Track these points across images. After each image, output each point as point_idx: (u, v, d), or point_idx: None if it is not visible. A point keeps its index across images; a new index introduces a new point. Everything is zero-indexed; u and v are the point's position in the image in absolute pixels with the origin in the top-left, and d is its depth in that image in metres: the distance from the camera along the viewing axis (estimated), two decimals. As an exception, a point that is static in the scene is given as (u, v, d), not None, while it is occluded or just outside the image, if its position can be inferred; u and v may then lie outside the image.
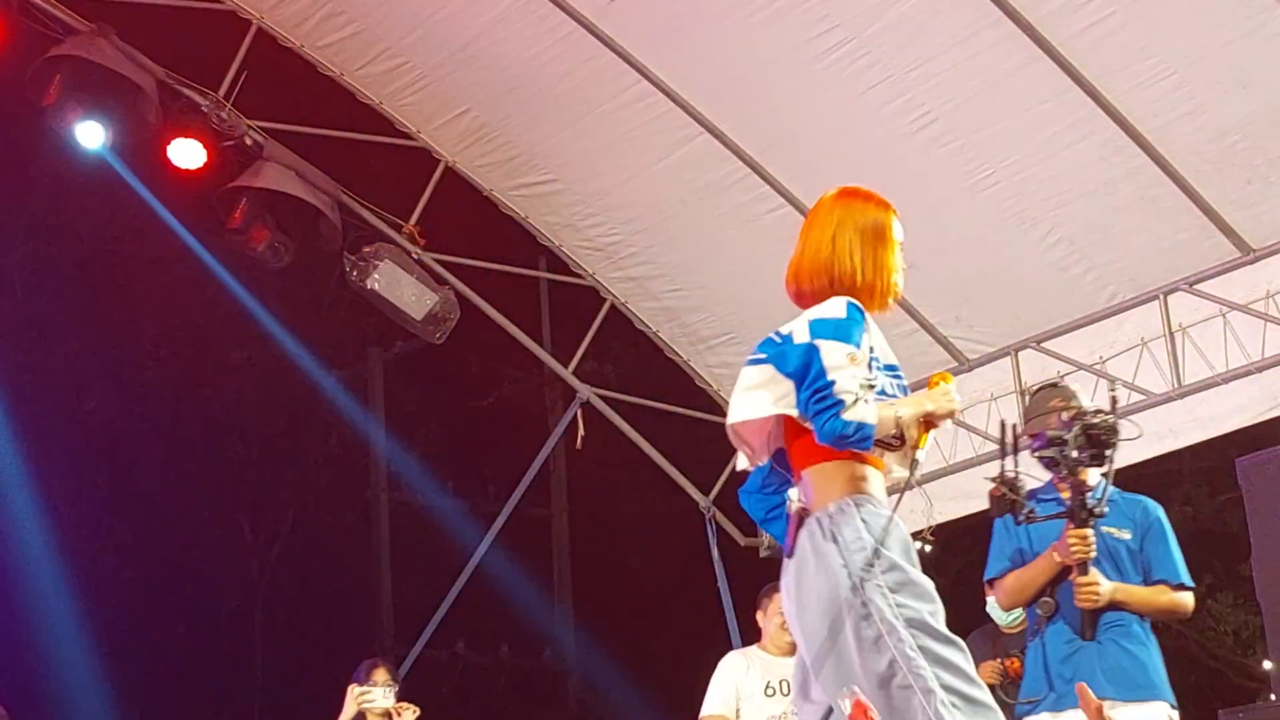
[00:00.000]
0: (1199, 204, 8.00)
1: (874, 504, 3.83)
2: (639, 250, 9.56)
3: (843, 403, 3.69)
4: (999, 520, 5.57)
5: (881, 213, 4.07)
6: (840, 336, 3.81)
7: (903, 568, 3.76)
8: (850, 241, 4.01)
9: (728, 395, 10.14)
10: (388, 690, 7.41)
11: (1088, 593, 5.32)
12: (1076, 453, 5.27)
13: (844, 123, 8.41)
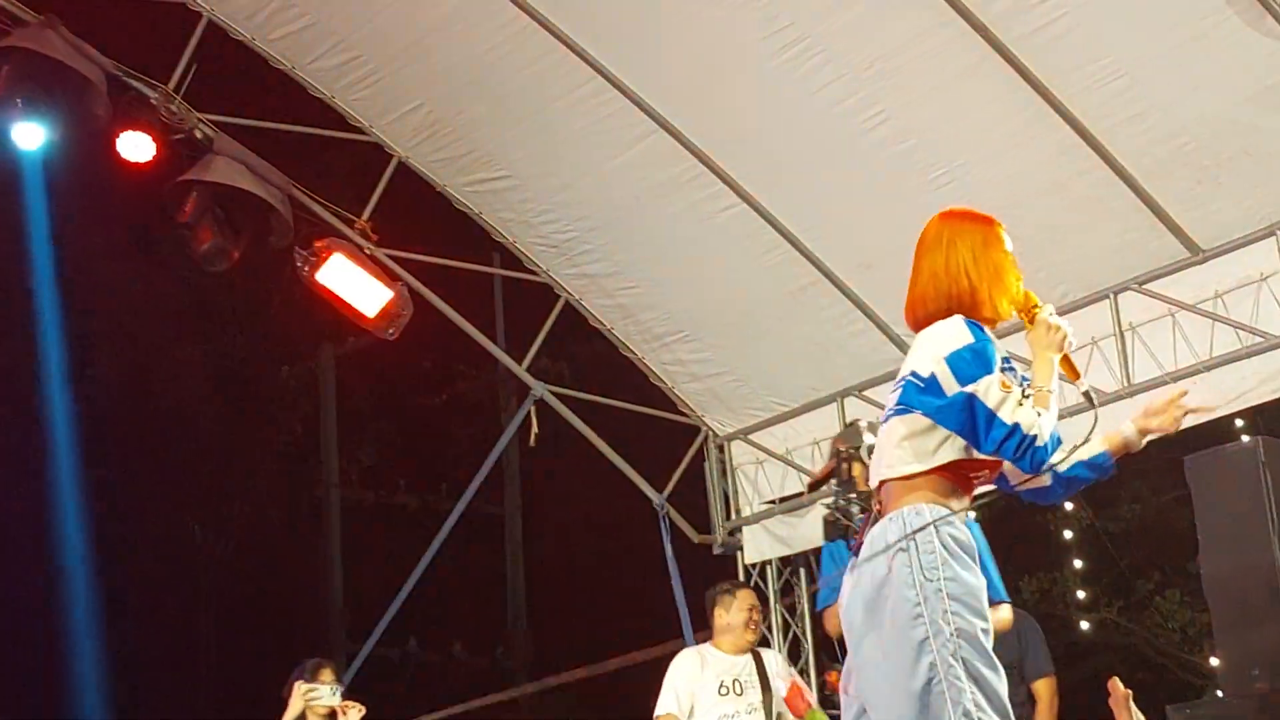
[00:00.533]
0: (1149, 204, 8.04)
1: (957, 523, 3.89)
2: (593, 247, 9.54)
3: (1035, 437, 3.81)
4: (826, 549, 5.73)
5: (987, 227, 4.19)
6: (981, 368, 3.90)
7: (963, 580, 3.82)
8: (963, 261, 4.11)
9: (682, 392, 10.21)
10: (335, 689, 7.42)
11: None
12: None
13: (798, 121, 8.42)
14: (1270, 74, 7.32)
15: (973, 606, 3.82)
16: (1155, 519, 14.34)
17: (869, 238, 8.88)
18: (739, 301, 9.55)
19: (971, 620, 3.80)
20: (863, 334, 9.31)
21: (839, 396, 9.70)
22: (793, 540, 10.04)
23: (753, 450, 10.23)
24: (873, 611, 3.89)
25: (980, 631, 3.80)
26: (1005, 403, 3.85)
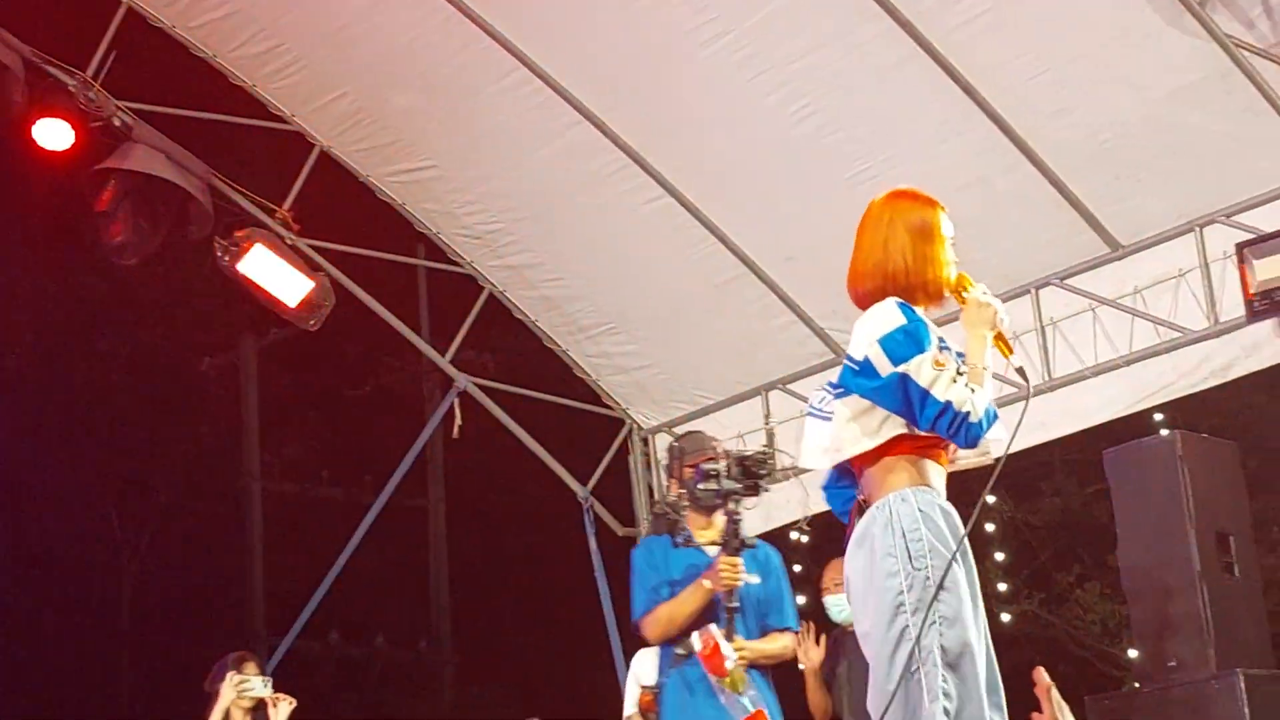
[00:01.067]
0: (1070, 200, 8.10)
1: (930, 494, 4.00)
2: (518, 239, 9.51)
3: (968, 413, 3.90)
4: (640, 556, 5.85)
5: (928, 210, 4.25)
6: (913, 348, 3.99)
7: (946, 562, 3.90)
8: (901, 242, 4.18)
9: (607, 385, 10.19)
10: (266, 681, 7.44)
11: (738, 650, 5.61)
12: (732, 483, 5.53)
13: (725, 114, 8.42)
14: (1189, 72, 7.39)
15: (956, 592, 3.91)
16: (1076, 512, 14.46)
17: (794, 231, 8.90)
18: (664, 294, 9.54)
19: (953, 605, 3.89)
20: (788, 327, 9.34)
21: (764, 390, 9.72)
22: (716, 533, 10.04)
23: (677, 443, 10.21)
24: (862, 598, 4.03)
25: (962, 610, 3.89)
26: (938, 381, 3.93)
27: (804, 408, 9.35)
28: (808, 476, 9.52)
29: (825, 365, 9.43)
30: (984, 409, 3.94)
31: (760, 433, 9.76)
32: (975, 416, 3.91)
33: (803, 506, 9.57)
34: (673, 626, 5.69)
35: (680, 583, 5.73)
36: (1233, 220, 7.85)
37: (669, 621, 5.70)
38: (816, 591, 7.85)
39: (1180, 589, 7.67)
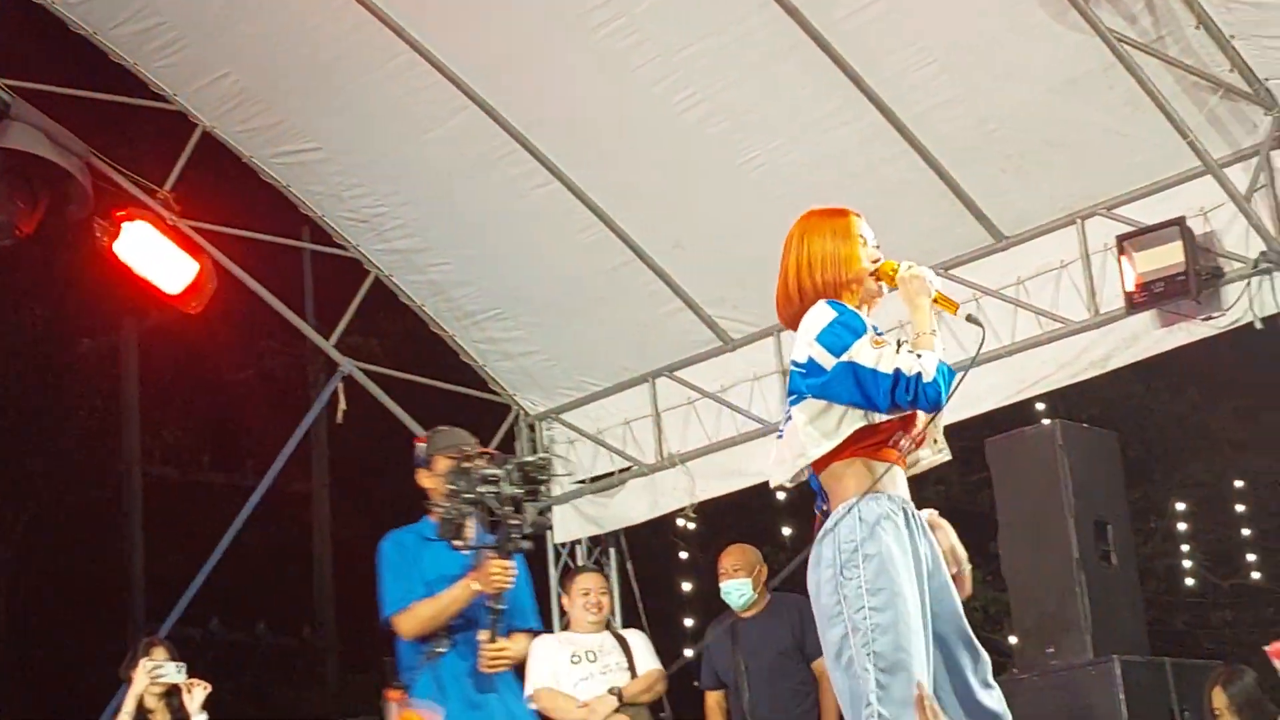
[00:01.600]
0: (955, 191, 8.17)
1: (878, 501, 4.06)
2: (404, 222, 9.44)
3: (919, 375, 3.98)
4: (391, 550, 5.84)
5: (837, 219, 4.40)
6: (850, 335, 4.08)
7: (884, 570, 3.96)
8: (814, 254, 4.34)
9: (493, 371, 10.15)
10: (180, 666, 7.41)
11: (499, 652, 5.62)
12: (512, 488, 5.54)
13: (613, 101, 8.41)
14: (1074, 66, 7.47)
15: (891, 591, 3.95)
16: (959, 500, 14.63)
17: (682, 218, 8.91)
18: (552, 280, 9.51)
19: (888, 611, 3.94)
20: (675, 314, 9.35)
21: (651, 377, 9.73)
22: (603, 520, 10.06)
23: (564, 429, 10.21)
24: (814, 608, 4.11)
25: (898, 618, 3.94)
26: (882, 356, 4.02)
27: (691, 395, 9.48)
28: (694, 464, 9.56)
29: (713, 353, 9.47)
30: (936, 368, 4.02)
31: (648, 419, 9.77)
32: (929, 376, 3.99)
33: (689, 494, 9.59)
34: (433, 625, 5.64)
35: (434, 581, 5.69)
36: (1113, 213, 7.96)
37: (430, 620, 5.64)
38: (711, 577, 7.87)
39: (1059, 577, 7.79)
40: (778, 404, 9.20)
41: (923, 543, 4.13)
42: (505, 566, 5.52)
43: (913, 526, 4.12)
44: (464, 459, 5.66)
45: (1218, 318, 7.68)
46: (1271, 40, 7.15)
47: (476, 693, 5.64)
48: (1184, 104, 7.30)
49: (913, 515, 4.16)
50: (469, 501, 5.52)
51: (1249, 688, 7.33)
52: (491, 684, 5.69)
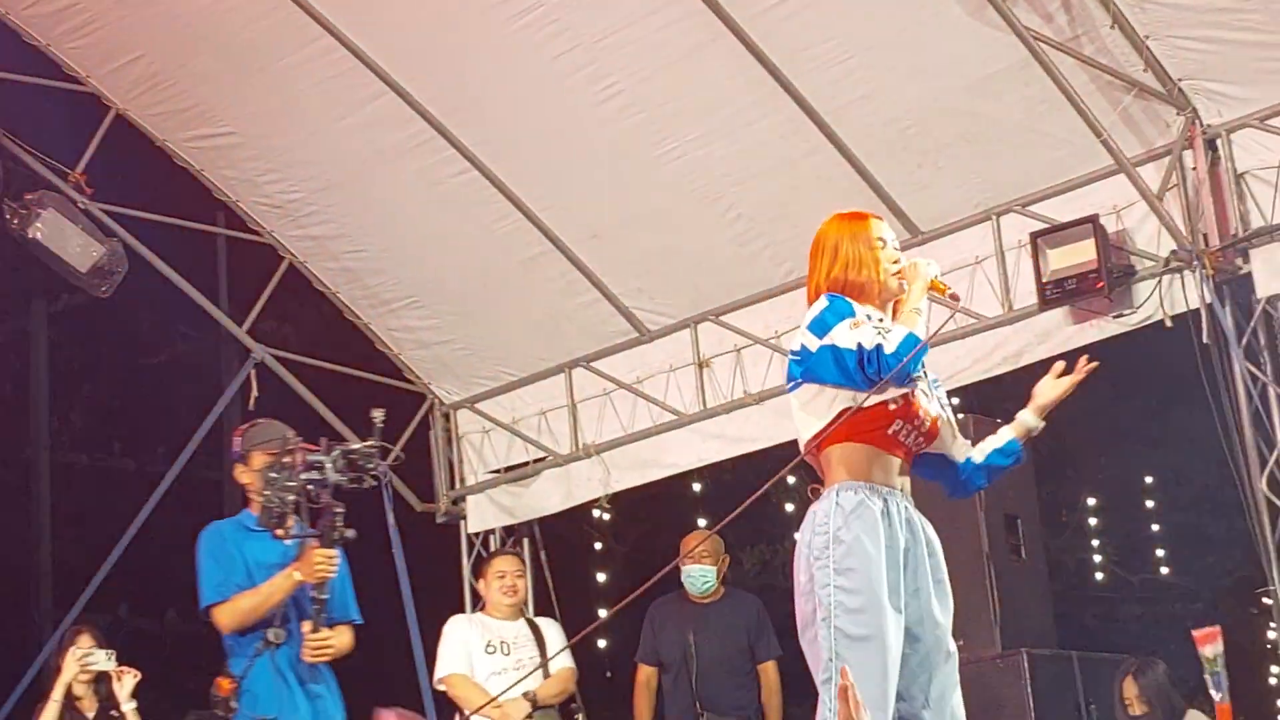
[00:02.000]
0: (872, 185, 8.20)
1: (859, 489, 4.22)
2: (320, 209, 9.37)
3: (878, 347, 4.15)
4: (211, 540, 5.82)
5: (858, 222, 4.53)
6: (835, 317, 4.26)
7: (854, 553, 4.14)
8: (825, 259, 4.48)
9: (408, 359, 10.10)
10: (110, 654, 7.34)
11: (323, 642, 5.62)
12: (338, 475, 5.49)
13: (532, 89, 8.38)
14: (990, 64, 7.52)
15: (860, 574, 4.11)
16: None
17: (599, 208, 8.90)
18: (468, 269, 9.48)
19: (855, 593, 4.10)
20: (592, 304, 9.34)
21: (567, 367, 9.72)
22: (517, 510, 10.04)
23: (479, 419, 10.18)
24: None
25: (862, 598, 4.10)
26: (853, 335, 4.18)
27: (607, 385, 9.47)
28: (610, 455, 9.56)
29: (629, 343, 9.46)
30: (901, 340, 4.16)
31: (564, 409, 9.76)
32: (890, 347, 4.16)
33: (603, 484, 9.59)
34: (254, 616, 5.60)
35: (255, 570, 5.66)
36: (1028, 210, 8.02)
37: (251, 611, 5.60)
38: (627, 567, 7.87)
39: (968, 570, 7.83)
40: (694, 395, 9.22)
41: (903, 534, 4.24)
42: (328, 556, 5.48)
43: (893, 516, 4.24)
44: (284, 453, 5.59)
45: (1129, 315, 7.76)
46: (1185, 40, 7.23)
47: (312, 683, 5.63)
48: (1098, 103, 7.37)
49: (897, 505, 4.26)
50: (289, 490, 5.46)
51: (1160, 679, 7.43)
52: (319, 675, 5.68)
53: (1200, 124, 7.49)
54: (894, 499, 4.28)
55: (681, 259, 9.00)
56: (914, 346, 4.19)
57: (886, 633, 4.10)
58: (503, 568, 7.70)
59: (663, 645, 7.80)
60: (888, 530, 4.20)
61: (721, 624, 7.65)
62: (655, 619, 7.87)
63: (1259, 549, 7.44)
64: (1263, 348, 7.59)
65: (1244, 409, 7.50)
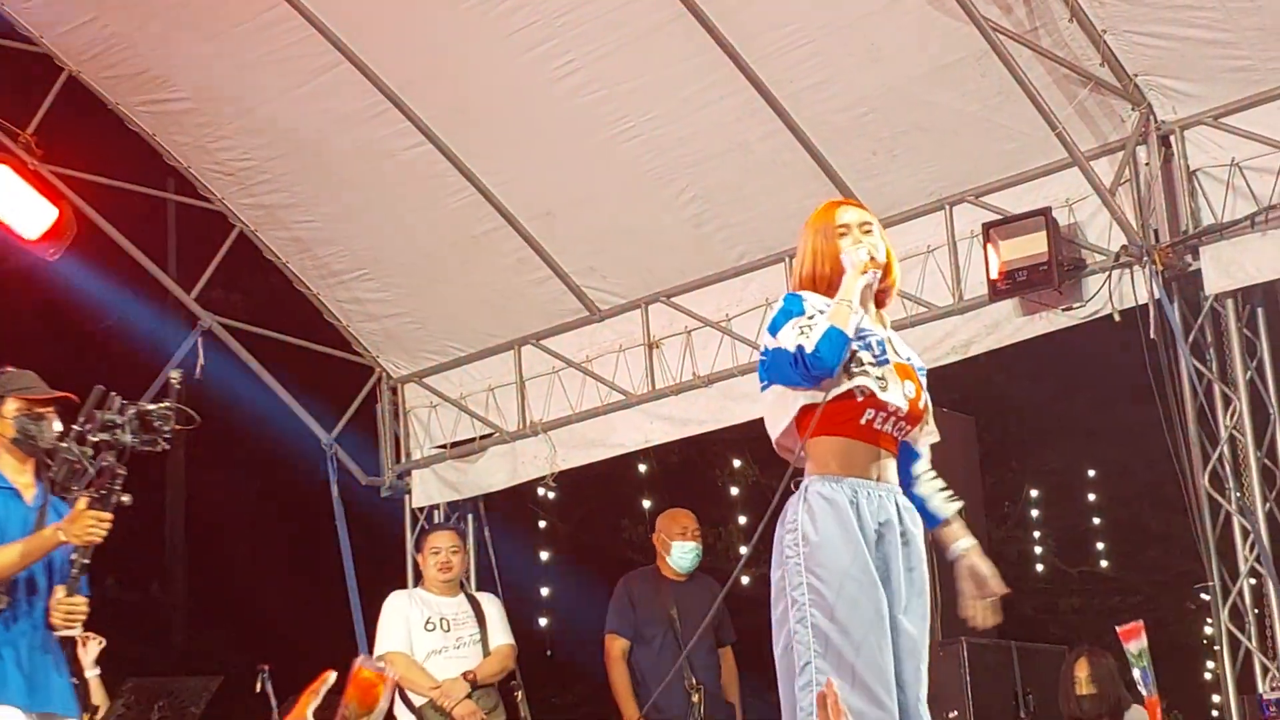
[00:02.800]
0: (827, 171, 8.20)
1: (830, 483, 4.21)
2: (272, 177, 9.30)
3: (800, 347, 4.15)
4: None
5: (824, 213, 4.49)
6: (785, 318, 4.26)
7: (823, 549, 4.13)
8: (805, 251, 4.48)
9: (357, 331, 10.05)
10: None
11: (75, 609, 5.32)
12: (131, 437, 5.26)
13: (489, 64, 8.34)
14: (947, 53, 7.54)
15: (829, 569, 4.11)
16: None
17: (553, 186, 8.87)
18: (420, 243, 9.44)
19: (826, 589, 4.10)
20: (543, 282, 9.31)
21: (516, 344, 9.69)
22: (462, 485, 10.02)
23: (427, 394, 10.15)
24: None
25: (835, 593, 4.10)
26: (790, 335, 4.20)
27: (556, 364, 9.45)
28: (556, 433, 9.55)
29: (580, 322, 9.45)
30: (822, 335, 4.15)
31: (512, 387, 9.73)
32: (810, 346, 4.14)
33: (550, 463, 9.58)
34: (7, 573, 5.28)
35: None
36: (981, 201, 8.05)
37: (4, 568, 5.27)
38: (571, 547, 7.85)
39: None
40: (643, 376, 9.22)
41: (875, 524, 4.20)
42: (99, 518, 5.18)
43: (863, 507, 4.20)
44: (37, 403, 5.43)
45: (1078, 308, 7.80)
46: (1142, 36, 7.27)
47: (43, 652, 5.36)
48: (1054, 95, 7.40)
49: (869, 496, 4.22)
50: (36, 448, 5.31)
51: (1111, 667, 7.54)
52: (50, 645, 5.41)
53: (1155, 120, 7.54)
54: (866, 490, 4.23)
55: (634, 239, 8.99)
56: (834, 340, 4.16)
57: (863, 625, 4.08)
58: (438, 544, 7.66)
59: (641, 619, 7.77)
60: (858, 522, 4.17)
61: (697, 601, 7.66)
62: (633, 593, 7.83)
63: (1199, 545, 7.51)
64: (1209, 345, 7.65)
65: (1189, 405, 7.56)
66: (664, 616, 7.62)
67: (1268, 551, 7.36)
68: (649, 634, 7.69)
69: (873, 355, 4.27)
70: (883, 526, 4.22)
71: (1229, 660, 7.42)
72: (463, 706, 7.28)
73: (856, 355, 4.23)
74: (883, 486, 4.28)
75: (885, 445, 4.31)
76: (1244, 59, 7.21)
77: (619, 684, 7.66)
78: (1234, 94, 7.37)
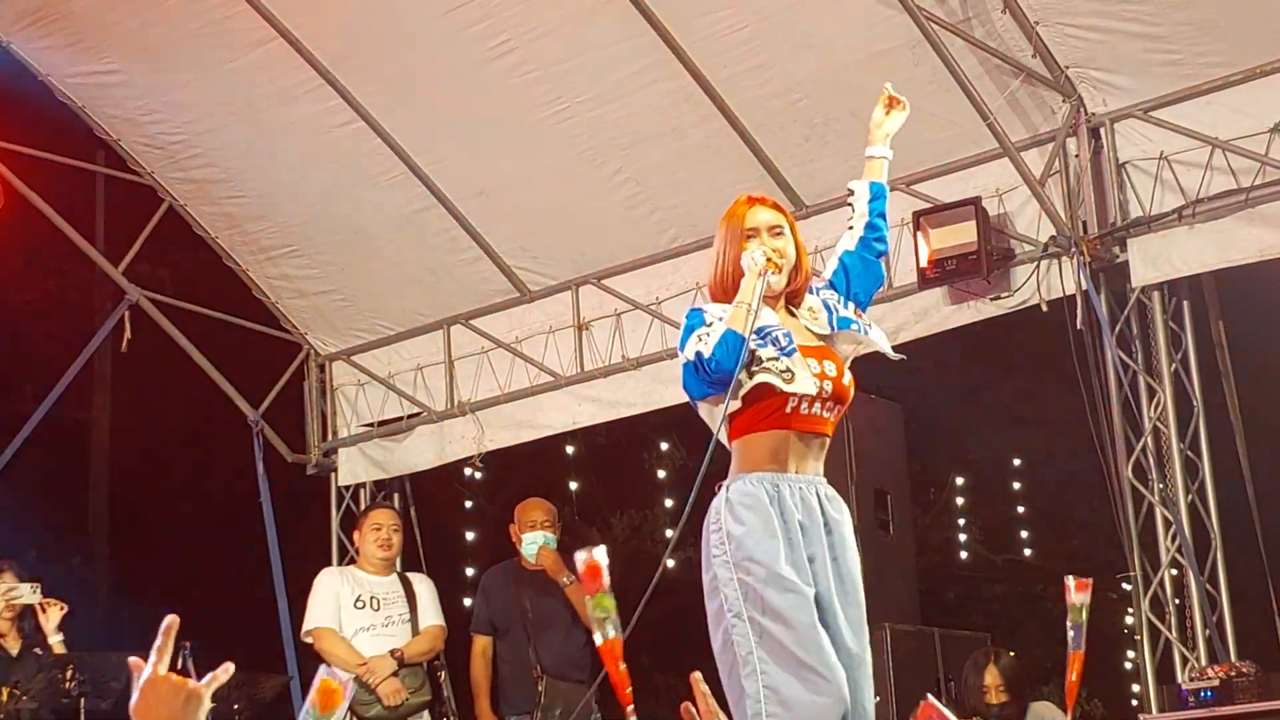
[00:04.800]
0: (759, 157, 8.22)
1: (748, 481, 4.25)
2: (202, 152, 9.23)
3: (698, 354, 4.24)
4: None
5: (733, 217, 4.53)
6: (688, 332, 4.36)
7: (745, 541, 4.18)
8: (713, 253, 4.54)
9: (286, 308, 10.00)
10: (35, 587, 7.27)
11: None
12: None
13: (423, 42, 8.30)
14: (881, 40, 7.56)
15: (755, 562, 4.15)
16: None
17: (486, 166, 8.85)
18: (351, 220, 9.39)
19: (755, 580, 4.14)
20: (474, 262, 9.29)
21: (446, 323, 9.67)
22: (389, 464, 9.98)
23: (354, 372, 10.10)
24: None
25: (763, 583, 4.14)
26: (693, 345, 4.29)
27: (485, 344, 9.43)
28: (485, 413, 9.53)
29: (510, 303, 9.43)
30: (715, 341, 4.22)
31: (440, 366, 9.71)
32: (707, 351, 4.22)
33: (477, 443, 9.56)
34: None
35: None
36: (912, 189, 8.07)
37: None
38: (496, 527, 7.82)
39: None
40: (572, 357, 9.21)
41: (799, 514, 4.24)
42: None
43: (785, 499, 4.24)
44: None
45: (1006, 298, 7.85)
46: (1074, 28, 7.32)
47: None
48: (986, 86, 7.44)
49: (790, 487, 4.26)
50: None
51: (1016, 665, 7.55)
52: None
53: (1085, 112, 7.59)
54: (786, 483, 4.27)
55: (566, 220, 8.98)
56: (729, 343, 4.22)
57: (794, 610, 4.12)
58: (380, 520, 7.65)
59: (496, 613, 7.75)
60: (779, 513, 4.22)
61: (554, 586, 7.61)
62: (488, 588, 7.82)
63: (1121, 535, 7.58)
64: (1135, 337, 7.72)
65: (1114, 396, 7.63)
66: (516, 608, 7.61)
67: (1189, 542, 7.44)
68: (503, 627, 7.68)
69: (777, 348, 4.28)
70: (806, 516, 4.25)
71: (1149, 650, 7.50)
72: (387, 684, 7.27)
73: (756, 354, 4.26)
74: (802, 479, 4.31)
75: (815, 429, 4.35)
76: (1174, 53, 7.27)
77: (475, 682, 7.68)
78: (1164, 88, 7.43)
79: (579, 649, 7.56)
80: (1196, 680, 7.00)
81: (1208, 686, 6.85)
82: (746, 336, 4.20)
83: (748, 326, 4.22)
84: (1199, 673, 7.10)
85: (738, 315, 4.26)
